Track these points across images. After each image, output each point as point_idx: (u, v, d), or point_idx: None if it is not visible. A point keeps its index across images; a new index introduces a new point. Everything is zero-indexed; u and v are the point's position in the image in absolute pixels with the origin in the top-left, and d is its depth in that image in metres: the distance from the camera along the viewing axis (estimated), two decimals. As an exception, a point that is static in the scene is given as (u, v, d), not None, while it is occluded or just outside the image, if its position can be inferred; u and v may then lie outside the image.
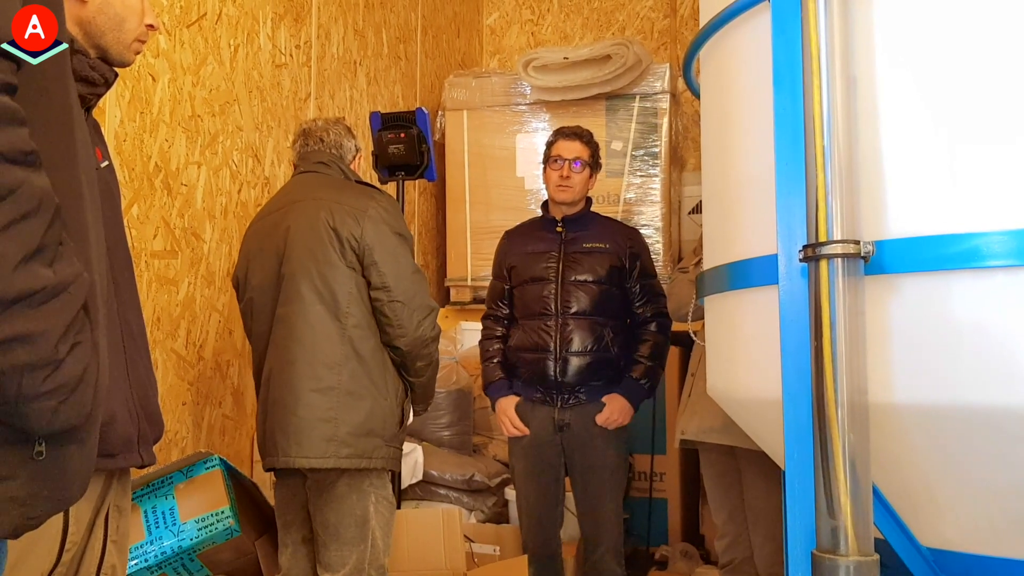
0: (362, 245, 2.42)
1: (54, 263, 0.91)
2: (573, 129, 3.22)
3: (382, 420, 2.42)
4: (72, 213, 1.02)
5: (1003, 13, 1.44)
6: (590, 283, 3.06)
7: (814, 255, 1.46)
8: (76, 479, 1.03)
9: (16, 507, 0.95)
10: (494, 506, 3.94)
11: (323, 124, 2.69)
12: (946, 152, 1.47)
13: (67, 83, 1.05)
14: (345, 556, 2.38)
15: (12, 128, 0.86)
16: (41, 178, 0.90)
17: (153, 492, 2.51)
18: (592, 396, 3.04)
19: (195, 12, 2.97)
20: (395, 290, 2.42)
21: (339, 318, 2.41)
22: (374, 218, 2.45)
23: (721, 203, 1.94)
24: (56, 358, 0.91)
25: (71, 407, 0.94)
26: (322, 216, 2.44)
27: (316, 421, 2.36)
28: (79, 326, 0.95)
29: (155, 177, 2.78)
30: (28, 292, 0.87)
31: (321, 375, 2.38)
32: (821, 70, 1.49)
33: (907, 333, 1.47)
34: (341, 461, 2.36)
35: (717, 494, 3.03)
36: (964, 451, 1.47)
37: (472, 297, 5.01)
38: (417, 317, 2.44)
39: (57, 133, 1.02)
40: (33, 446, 0.95)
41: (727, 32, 1.85)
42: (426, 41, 5.25)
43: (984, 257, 1.40)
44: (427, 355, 2.50)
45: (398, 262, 2.45)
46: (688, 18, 5.80)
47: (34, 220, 0.88)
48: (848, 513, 1.40)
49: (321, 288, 2.41)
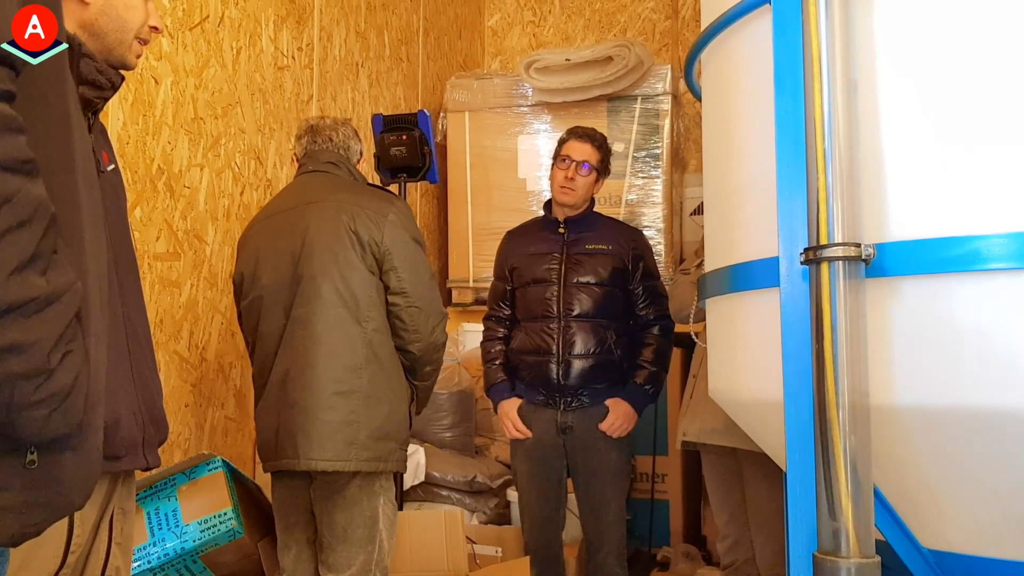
0: (382, 249, 2.43)
1: (48, 272, 0.91)
2: (586, 130, 3.17)
3: (398, 423, 2.44)
4: (69, 220, 1.02)
5: (1004, 15, 1.45)
6: (593, 285, 3.04)
7: (815, 258, 1.46)
8: (75, 486, 1.03)
9: (12, 516, 0.95)
10: (496, 507, 3.94)
11: (332, 123, 2.67)
12: (947, 155, 1.48)
13: (66, 88, 1.05)
14: (352, 557, 2.38)
15: (10, 136, 0.87)
16: (37, 186, 0.90)
17: (156, 494, 2.52)
18: (595, 399, 3.01)
19: (197, 15, 2.98)
20: (413, 295, 2.43)
21: (360, 321, 2.41)
22: (393, 223, 2.46)
23: (722, 205, 1.94)
24: (48, 367, 0.91)
25: (62, 416, 0.94)
26: (343, 219, 2.44)
27: (339, 424, 2.36)
28: (71, 335, 0.95)
29: (158, 179, 2.78)
30: (21, 301, 0.87)
31: (342, 378, 2.38)
32: (822, 72, 1.49)
33: (908, 335, 1.48)
34: (361, 464, 2.37)
35: (719, 496, 3.03)
36: (965, 453, 1.47)
37: (474, 299, 5.01)
38: (432, 323, 2.47)
39: (56, 139, 1.02)
40: (25, 455, 0.95)
41: (728, 34, 1.85)
42: (428, 43, 5.26)
43: (985, 260, 1.40)
44: (436, 360, 2.54)
45: (416, 268, 2.47)
46: (689, 20, 5.80)
47: (29, 229, 0.88)
48: (849, 515, 1.40)
49: (343, 290, 2.41)
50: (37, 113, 0.96)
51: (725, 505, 3.00)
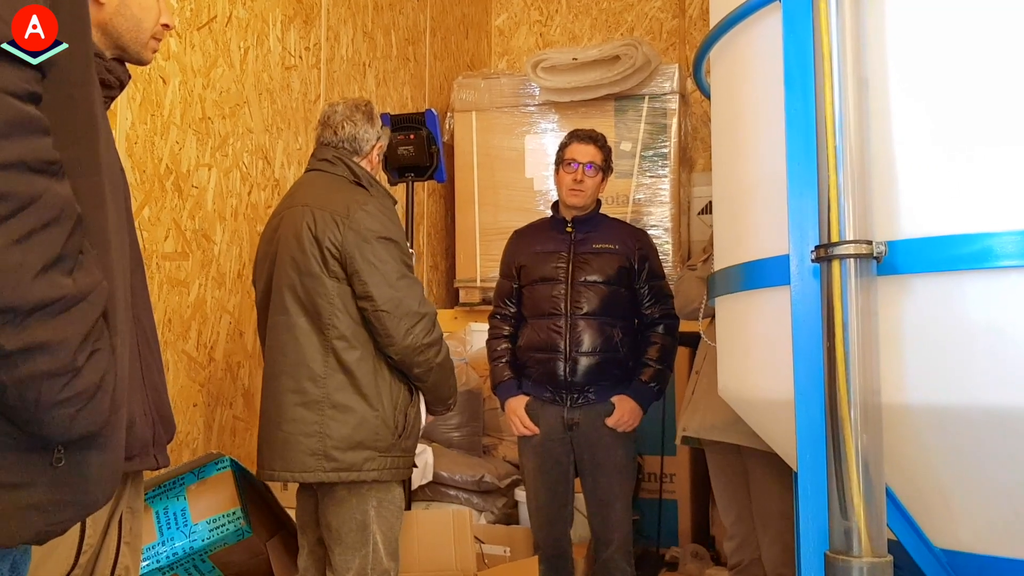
0: (343, 254, 2.35)
1: (74, 272, 0.92)
2: (588, 132, 3.21)
3: (373, 432, 2.36)
4: (94, 220, 1.02)
5: (1018, 12, 1.44)
6: (599, 284, 3.07)
7: (826, 255, 1.45)
8: (99, 484, 1.03)
9: (38, 514, 0.95)
10: (504, 507, 3.94)
11: (342, 112, 2.57)
12: (958, 152, 1.47)
13: (92, 89, 1.06)
14: (348, 560, 2.37)
15: (36, 138, 0.87)
16: (63, 187, 0.91)
17: (165, 493, 2.52)
18: (601, 396, 3.05)
19: (205, 15, 2.98)
20: (378, 299, 2.34)
21: (322, 330, 2.37)
22: (356, 223, 2.36)
23: (732, 203, 1.93)
24: (75, 366, 0.92)
25: (89, 414, 0.95)
26: (306, 223, 2.39)
27: (300, 436, 2.34)
28: (97, 334, 0.95)
29: (166, 179, 2.79)
30: (48, 301, 0.88)
31: (306, 388, 2.35)
32: (833, 70, 1.48)
33: (920, 333, 1.47)
34: (328, 476, 2.33)
35: (725, 495, 3.02)
36: (978, 452, 1.46)
37: (481, 298, 5.01)
38: (405, 325, 2.35)
39: (82, 141, 1.02)
40: (52, 453, 0.96)
41: (738, 32, 1.84)
42: (435, 43, 5.26)
43: (997, 257, 1.39)
44: (423, 362, 2.41)
45: (380, 269, 2.36)
46: (697, 19, 5.79)
47: (55, 229, 0.89)
48: (861, 514, 1.39)
49: (304, 300, 2.38)
50: (64, 115, 0.97)
51: (731, 504, 2.99)
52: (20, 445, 0.93)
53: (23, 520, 0.94)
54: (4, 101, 0.84)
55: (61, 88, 0.96)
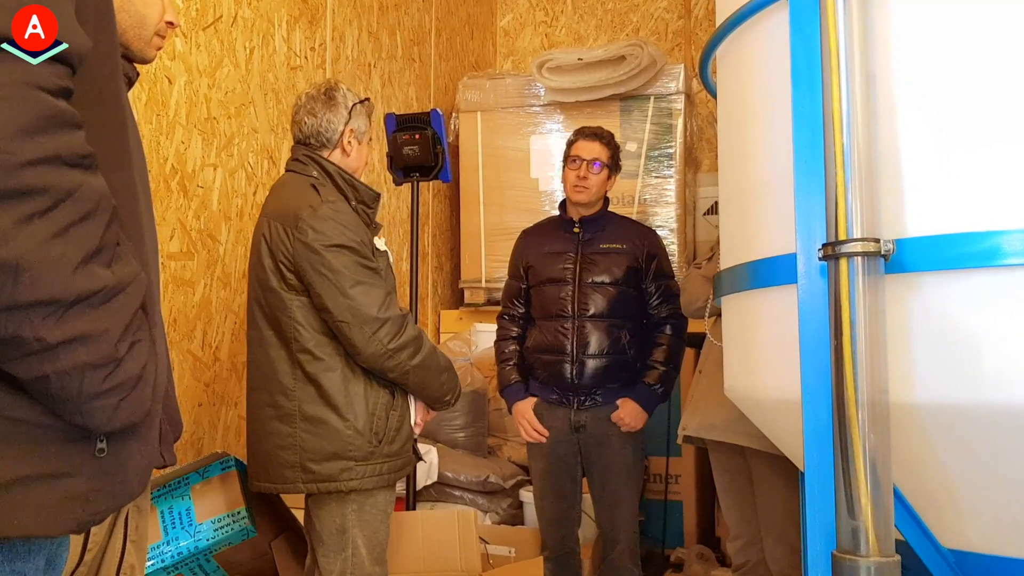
0: (296, 267, 2.31)
1: (112, 263, 0.92)
2: (594, 130, 3.21)
3: (346, 443, 2.32)
4: (128, 213, 1.04)
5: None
6: (607, 285, 3.06)
7: (833, 254, 1.45)
8: (137, 475, 1.04)
9: (79, 504, 0.96)
10: (509, 508, 3.94)
11: (303, 105, 2.45)
12: (967, 150, 1.46)
13: (119, 84, 1.07)
14: (331, 563, 2.37)
15: (69, 132, 0.88)
16: (98, 180, 0.91)
17: (169, 492, 2.52)
18: (608, 398, 3.05)
19: (211, 14, 2.98)
20: (334, 311, 2.28)
21: (287, 343, 2.35)
22: (304, 234, 2.29)
23: (739, 202, 1.93)
24: (116, 357, 0.92)
25: (131, 405, 0.96)
26: (263, 236, 2.37)
27: (278, 449, 2.34)
28: (137, 325, 0.96)
29: (171, 179, 2.79)
30: (88, 293, 0.89)
31: (279, 402, 2.35)
32: (840, 67, 1.48)
33: (928, 332, 1.46)
34: (308, 487, 2.33)
35: (729, 496, 3.01)
36: (986, 451, 1.45)
37: (486, 299, 5.00)
38: (367, 332, 2.28)
39: (112, 135, 1.04)
40: (95, 443, 0.97)
41: (744, 30, 1.84)
42: (440, 43, 5.26)
43: (1006, 255, 1.38)
44: (395, 367, 2.33)
45: (332, 280, 2.28)
46: (702, 19, 5.79)
47: (92, 222, 0.89)
48: (869, 514, 1.39)
49: (268, 313, 2.38)
50: (93, 111, 0.98)
51: (735, 505, 2.98)
52: (60, 436, 0.94)
53: (65, 510, 0.95)
54: (37, 97, 0.85)
55: (91, 84, 0.97)
